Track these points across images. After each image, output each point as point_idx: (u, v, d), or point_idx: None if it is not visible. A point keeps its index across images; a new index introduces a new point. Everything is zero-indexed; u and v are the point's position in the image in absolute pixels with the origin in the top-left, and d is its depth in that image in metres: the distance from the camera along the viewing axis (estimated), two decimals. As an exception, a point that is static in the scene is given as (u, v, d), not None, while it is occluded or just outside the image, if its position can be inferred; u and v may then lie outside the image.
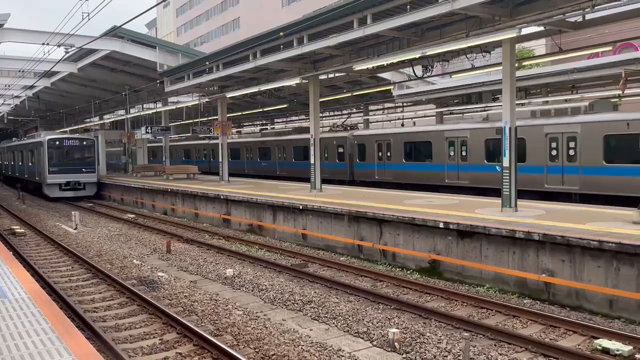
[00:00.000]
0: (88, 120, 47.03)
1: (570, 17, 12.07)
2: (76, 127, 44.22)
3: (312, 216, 15.94)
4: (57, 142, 31.42)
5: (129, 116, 36.09)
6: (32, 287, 7.72)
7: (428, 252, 12.41)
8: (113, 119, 40.45)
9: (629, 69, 11.76)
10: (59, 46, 22.26)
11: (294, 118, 41.67)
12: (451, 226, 11.83)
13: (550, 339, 8.14)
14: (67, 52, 24.10)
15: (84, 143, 32.14)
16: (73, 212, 20.98)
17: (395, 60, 15.62)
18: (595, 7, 10.77)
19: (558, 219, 11.66)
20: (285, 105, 32.58)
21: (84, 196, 31.68)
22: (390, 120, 36.06)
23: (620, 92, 12.38)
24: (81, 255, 14.40)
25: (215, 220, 20.87)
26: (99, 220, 22.97)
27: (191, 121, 39.60)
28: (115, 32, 24.41)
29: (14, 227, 19.59)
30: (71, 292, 11.06)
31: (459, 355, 7.49)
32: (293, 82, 18.98)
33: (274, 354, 7.49)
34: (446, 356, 7.52)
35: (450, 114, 29.56)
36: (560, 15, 11.83)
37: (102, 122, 44.03)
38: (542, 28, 13.15)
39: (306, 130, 32.48)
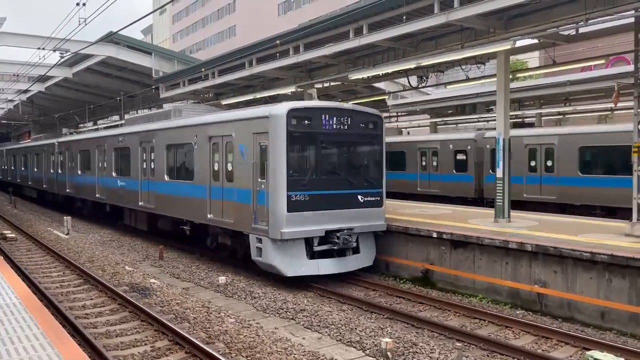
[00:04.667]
0: (82, 125, 46.92)
1: (564, 30, 12.22)
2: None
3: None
4: (312, 123, 11.97)
5: (123, 122, 36.02)
6: (23, 292, 7.66)
7: (421, 262, 12.42)
8: (107, 125, 40.32)
9: (622, 82, 11.88)
10: (54, 51, 22.22)
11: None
12: (444, 236, 11.86)
13: (543, 350, 8.17)
14: (62, 57, 24.09)
15: (362, 126, 12.76)
16: (65, 218, 20.86)
17: (390, 70, 15.71)
18: (589, 21, 10.90)
19: (551, 230, 11.73)
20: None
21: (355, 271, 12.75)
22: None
23: (613, 105, 12.52)
24: (73, 261, 14.30)
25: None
26: (91, 226, 22.83)
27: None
28: (111, 38, 24.41)
29: (5, 232, 19.43)
30: (62, 298, 10.98)
31: (451, 366, 7.50)
32: (288, 90, 19.04)
33: (266, 363, 7.45)
34: (439, 366, 7.52)
35: (445, 124, 29.63)
36: (554, 28, 11.97)
37: (95, 127, 43.87)
38: (536, 40, 13.33)
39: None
